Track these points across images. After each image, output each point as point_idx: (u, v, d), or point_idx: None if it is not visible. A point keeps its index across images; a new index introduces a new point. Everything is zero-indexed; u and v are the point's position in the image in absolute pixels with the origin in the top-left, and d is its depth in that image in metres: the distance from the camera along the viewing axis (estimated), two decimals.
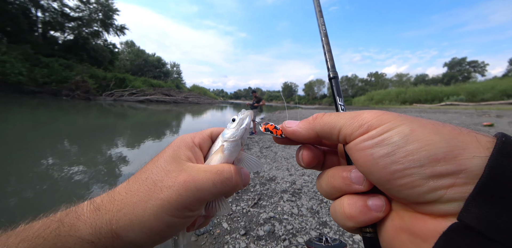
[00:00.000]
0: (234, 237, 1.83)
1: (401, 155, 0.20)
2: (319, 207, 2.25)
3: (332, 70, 0.35)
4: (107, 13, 30.13)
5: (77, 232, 0.24)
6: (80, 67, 22.39)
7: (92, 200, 0.28)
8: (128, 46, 50.22)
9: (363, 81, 70.78)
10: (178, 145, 0.32)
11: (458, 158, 0.18)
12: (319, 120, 0.27)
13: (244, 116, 0.35)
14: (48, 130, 6.19)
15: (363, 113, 0.23)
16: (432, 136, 0.19)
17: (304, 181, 2.96)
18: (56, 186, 2.81)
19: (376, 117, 0.22)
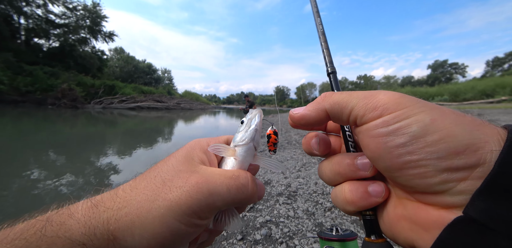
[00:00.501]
0: (231, 242, 1.82)
1: (419, 146, 0.18)
2: (314, 208, 2.28)
3: (330, 65, 0.34)
4: (95, 20, 29.49)
5: (67, 232, 0.21)
6: (66, 74, 21.64)
7: (91, 197, 0.25)
8: (117, 53, 49.22)
9: (353, 84, 72.77)
10: (193, 146, 0.29)
11: (478, 152, 0.17)
12: (328, 99, 0.25)
13: (253, 116, 0.31)
14: (31, 140, 5.92)
15: (379, 94, 0.21)
16: (454, 127, 0.18)
17: (299, 183, 2.99)
18: (40, 199, 2.68)
19: (393, 101, 0.20)
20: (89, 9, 28.76)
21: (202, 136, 1.78)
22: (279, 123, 0.34)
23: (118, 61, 45.97)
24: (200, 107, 38.16)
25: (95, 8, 29.22)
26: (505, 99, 22.90)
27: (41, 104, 18.34)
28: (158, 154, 5.22)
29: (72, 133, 8.00)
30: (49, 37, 26.78)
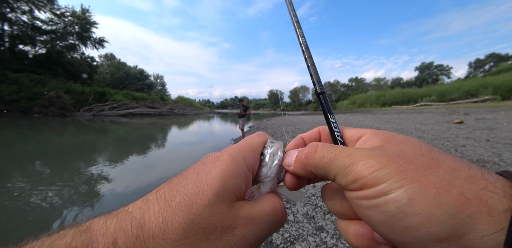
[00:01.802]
0: None
1: (399, 227, 0.17)
2: (314, 212, 2.26)
3: (318, 85, 0.31)
4: (84, 26, 28.86)
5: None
6: (54, 82, 20.94)
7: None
8: (108, 59, 48.25)
9: (345, 86, 74.25)
10: (231, 176, 0.24)
11: (463, 238, 0.15)
12: (311, 161, 0.23)
13: (274, 150, 0.29)
14: (16, 150, 5.63)
15: (358, 163, 0.19)
16: (434, 209, 0.16)
17: None
18: (24, 214, 2.53)
19: (371, 174, 0.18)
20: (78, 15, 28.14)
21: (197, 141, 1.75)
22: (285, 130, 0.33)
23: (109, 68, 45.01)
24: (194, 112, 37.77)
25: (84, 14, 28.62)
26: (488, 99, 23.99)
27: (27, 113, 17.61)
28: (152, 162, 5.09)
29: (61, 142, 7.69)
30: (35, 44, 25.91)
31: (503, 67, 36.95)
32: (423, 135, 6.32)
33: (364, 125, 10.29)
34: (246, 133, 10.51)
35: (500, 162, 3.34)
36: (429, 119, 10.61)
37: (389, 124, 9.86)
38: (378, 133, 0.22)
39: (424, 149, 0.18)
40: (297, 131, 9.33)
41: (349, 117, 17.20)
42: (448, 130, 6.88)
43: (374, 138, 0.22)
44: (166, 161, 5.17)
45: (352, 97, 53.29)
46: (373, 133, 0.23)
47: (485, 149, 4.22)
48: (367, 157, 0.19)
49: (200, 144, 7.64)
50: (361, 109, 39.11)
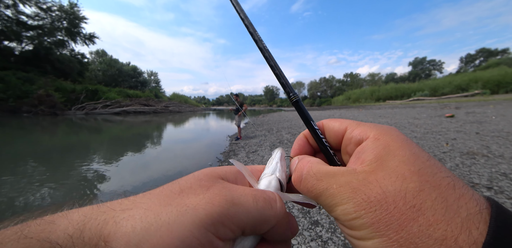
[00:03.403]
0: None
1: None
2: None
3: (292, 93, 0.28)
4: (72, 21, 27.93)
5: (51, 233, 0.17)
6: (43, 80, 20.28)
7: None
8: (99, 56, 46.99)
9: (340, 82, 74.77)
10: (215, 167, 0.26)
11: None
12: (303, 186, 0.23)
13: (274, 153, 0.29)
14: (4, 151, 5.46)
15: (338, 208, 0.19)
16: None
17: None
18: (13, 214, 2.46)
19: (349, 222, 0.18)
20: (65, 9, 27.17)
21: (193, 138, 1.72)
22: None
23: (101, 65, 43.87)
24: (189, 109, 37.42)
25: (72, 8, 27.66)
26: (478, 93, 24.65)
27: (16, 112, 17.05)
28: (147, 160, 5.02)
29: (52, 142, 7.49)
30: (21, 40, 24.92)
31: (492, 62, 37.99)
32: (416, 129, 6.45)
33: (359, 120, 10.42)
34: (242, 129, 10.50)
35: (489, 154, 3.44)
36: (422, 114, 10.83)
37: (383, 119, 10.02)
38: (379, 139, 0.21)
39: (412, 187, 0.17)
40: (293, 126, 9.37)
41: (344, 113, 17.39)
42: (439, 124, 7.04)
43: (374, 148, 0.20)
44: (161, 159, 5.11)
45: (347, 92, 53.81)
46: (375, 139, 0.21)
47: (475, 141, 4.34)
48: (346, 201, 0.19)
49: (198, 142, 7.59)
50: (356, 104, 39.56)
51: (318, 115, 16.13)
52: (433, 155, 3.71)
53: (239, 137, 7.27)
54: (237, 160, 4.62)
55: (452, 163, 3.23)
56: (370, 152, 0.20)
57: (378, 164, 0.19)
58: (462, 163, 3.18)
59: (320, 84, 77.63)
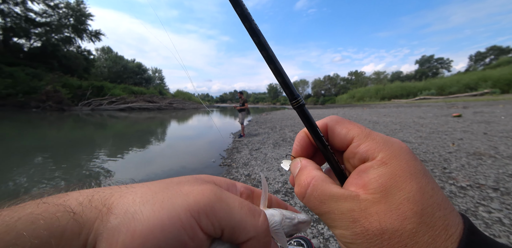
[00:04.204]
0: None
1: None
2: None
3: (296, 97, 0.25)
4: (79, 18, 28.31)
5: (66, 200, 0.19)
6: (50, 76, 20.71)
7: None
8: (104, 53, 47.56)
9: (345, 80, 73.95)
10: (210, 176, 0.27)
11: None
12: (305, 202, 0.23)
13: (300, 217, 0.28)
14: (13, 145, 5.61)
15: (336, 230, 0.20)
16: None
17: None
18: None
19: (351, 240, 0.19)
20: (72, 7, 27.55)
21: (196, 135, 1.73)
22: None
23: (106, 61, 44.44)
24: (193, 107, 37.65)
25: (78, 6, 28.02)
26: (487, 92, 24.03)
27: (24, 107, 17.46)
28: (151, 156, 5.10)
29: (59, 136, 7.66)
30: (29, 37, 25.44)
31: (503, 61, 36.86)
32: (421, 128, 6.35)
33: (363, 118, 10.32)
34: (246, 126, 10.52)
35: (496, 155, 3.37)
36: (428, 113, 10.64)
37: (387, 118, 9.89)
38: (387, 164, 0.20)
39: (409, 228, 0.17)
40: (296, 125, 9.35)
41: (348, 111, 17.22)
42: (446, 123, 6.91)
43: (380, 176, 0.20)
44: (165, 155, 5.18)
45: (352, 91, 53.19)
46: (382, 163, 0.20)
47: (482, 142, 4.25)
48: (345, 228, 0.20)
49: (202, 139, 7.65)
50: (360, 103, 39.12)
51: (321, 114, 16.02)
52: (438, 155, 3.66)
53: (242, 134, 7.30)
54: (241, 156, 4.65)
55: (458, 163, 3.18)
56: (375, 179, 0.20)
57: (382, 195, 0.19)
58: (468, 164, 3.12)
59: (324, 82, 76.95)
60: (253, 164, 4.05)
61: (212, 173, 3.69)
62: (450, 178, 2.69)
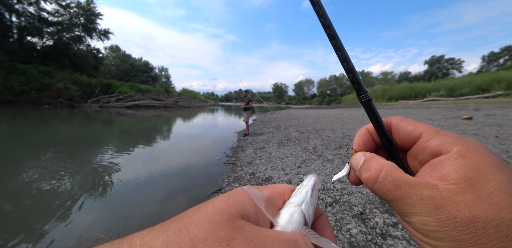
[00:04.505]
0: None
1: None
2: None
3: (363, 92, 0.26)
4: (89, 18, 29.00)
5: None
6: (61, 73, 21.34)
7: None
8: (113, 51, 48.57)
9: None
10: (234, 195, 0.20)
11: None
12: (377, 188, 0.22)
13: (308, 178, 0.26)
14: (25, 141, 5.84)
15: (423, 215, 0.19)
16: None
17: (300, 179, 3.00)
18: (36, 199, 2.65)
19: (436, 227, 0.18)
20: (82, 6, 28.25)
21: (202, 134, 1.79)
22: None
23: (114, 60, 45.36)
24: (198, 105, 37.97)
25: (88, 5, 28.70)
26: (501, 94, 23.18)
27: (37, 104, 18.07)
28: (156, 153, 5.19)
29: (69, 132, 7.91)
30: (42, 36, 26.28)
31: None
32: None
33: (368, 120, 10.15)
34: (250, 125, 10.56)
35: (508, 159, 3.27)
36: (436, 115, 10.38)
37: None
38: (466, 156, 0.19)
39: (508, 219, 0.16)
40: (301, 124, 9.31)
41: (354, 112, 16.99)
42: (455, 126, 6.74)
43: (460, 167, 0.19)
44: (170, 152, 5.27)
45: None
46: (460, 156, 0.19)
47: (493, 145, 4.13)
48: (427, 215, 0.19)
49: (207, 137, 7.73)
50: None
51: (326, 113, 15.89)
52: None
53: (247, 133, 7.33)
54: (245, 155, 4.68)
55: None
56: (455, 170, 0.19)
57: (466, 185, 0.18)
58: None
59: (330, 82, 76.09)
60: (257, 162, 4.07)
61: (217, 171, 3.74)
62: None
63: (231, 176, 3.48)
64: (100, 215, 2.34)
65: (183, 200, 2.69)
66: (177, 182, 3.27)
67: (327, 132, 6.81)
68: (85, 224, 2.17)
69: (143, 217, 2.30)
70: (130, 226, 2.14)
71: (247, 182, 3.09)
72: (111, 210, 2.44)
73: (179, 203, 2.60)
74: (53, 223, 2.15)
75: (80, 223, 2.19)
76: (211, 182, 3.26)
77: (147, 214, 2.37)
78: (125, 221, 2.23)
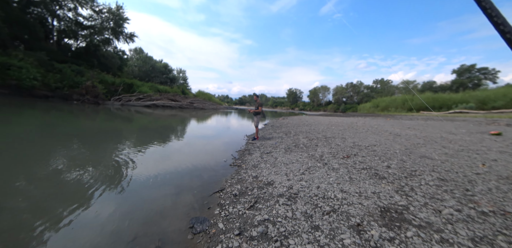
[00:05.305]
0: (228, 236, 1.91)
1: None
2: (313, 211, 2.30)
3: None
4: (117, 22, 31.31)
5: None
6: (90, 72, 23.28)
7: None
8: (136, 53, 51.77)
9: (369, 88, 69.98)
10: None
11: None
12: None
13: None
14: (56, 132, 6.48)
15: None
16: None
17: (301, 186, 3.01)
18: (65, 185, 2.97)
19: None
20: (113, 11, 30.63)
21: (213, 135, 2.00)
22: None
23: (137, 61, 48.29)
24: (212, 107, 38.94)
25: (118, 10, 31.05)
26: None
27: (67, 99, 19.85)
28: (170, 151, 5.48)
29: (93, 126, 8.60)
30: (77, 38, 28.97)
31: None
32: (449, 144, 5.82)
33: (384, 130, 9.72)
34: (261, 130, 10.63)
35: None
36: (461, 129, 9.64)
37: (411, 131, 9.19)
38: None
39: None
40: (311, 131, 9.19)
41: (369, 121, 16.32)
42: (480, 142, 6.23)
43: None
44: (181, 152, 5.53)
45: (375, 100, 50.09)
46: None
47: None
48: None
49: (217, 139, 7.96)
50: (384, 113, 36.67)
51: (339, 121, 15.44)
52: (462, 175, 3.36)
53: (256, 137, 7.42)
54: (251, 158, 4.77)
55: (485, 186, 2.90)
56: None
57: None
58: (497, 188, 2.83)
59: (346, 89, 73.72)
60: (262, 166, 4.14)
61: (222, 172, 3.88)
62: (471, 201, 2.48)
63: (235, 177, 3.58)
64: (111, 205, 2.57)
65: (187, 197, 2.85)
66: (183, 180, 3.44)
67: (337, 140, 6.67)
68: (100, 214, 2.40)
69: (153, 212, 2.48)
70: (137, 218, 2.33)
71: (249, 185, 3.18)
72: (121, 202, 2.66)
73: (182, 200, 2.76)
74: (74, 209, 2.41)
75: (95, 211, 2.42)
76: (214, 182, 3.40)
77: (153, 209, 2.55)
78: (135, 213, 2.42)
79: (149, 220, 2.23)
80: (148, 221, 2.22)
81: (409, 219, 2.12)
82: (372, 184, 3.03)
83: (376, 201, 2.49)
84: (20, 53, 18.01)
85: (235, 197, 2.76)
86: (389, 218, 2.14)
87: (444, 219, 2.10)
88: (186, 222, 2.21)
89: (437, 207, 2.35)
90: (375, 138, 7.11)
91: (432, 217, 2.15)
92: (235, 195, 2.82)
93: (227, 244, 1.80)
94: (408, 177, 3.30)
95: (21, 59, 17.30)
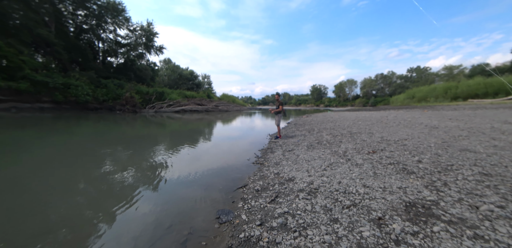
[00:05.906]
0: (250, 226, 2.10)
1: None
2: (333, 205, 2.34)
3: None
4: (148, 37, 34.63)
5: None
6: (128, 85, 26.26)
7: None
8: (165, 63, 56.30)
9: (403, 78, 63.47)
10: None
11: None
12: None
13: None
14: (105, 138, 7.57)
15: None
16: None
17: (322, 181, 3.05)
18: (114, 184, 3.54)
19: None
20: (144, 28, 34.00)
21: (237, 136, 2.39)
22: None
23: (166, 71, 52.51)
24: (236, 109, 40.08)
25: (149, 27, 34.34)
26: None
27: (112, 110, 22.76)
28: (198, 153, 5.96)
29: (133, 133, 9.77)
30: (117, 56, 32.93)
31: None
32: (501, 135, 5.06)
33: (418, 122, 8.83)
34: (283, 128, 10.66)
35: None
36: None
37: (453, 122, 8.15)
38: None
39: None
40: (336, 128, 8.88)
41: (402, 114, 14.90)
42: None
43: None
44: (210, 153, 5.96)
45: (410, 90, 45.19)
46: None
47: None
48: None
49: (241, 139, 8.30)
50: (421, 104, 32.86)
51: (367, 116, 14.45)
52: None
53: (278, 135, 7.52)
54: (273, 156, 4.91)
55: None
56: None
57: None
58: None
59: (376, 81, 68.08)
60: (283, 164, 4.25)
61: (246, 170, 4.11)
62: None
63: (257, 174, 3.77)
64: (150, 201, 2.99)
65: (213, 192, 3.13)
66: (211, 178, 3.77)
67: (363, 136, 6.36)
68: (142, 208, 2.83)
69: (185, 205, 2.82)
70: (172, 210, 2.68)
71: (271, 181, 3.33)
72: (159, 198, 3.08)
73: (209, 195, 3.05)
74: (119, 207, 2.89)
75: (138, 206, 2.86)
76: (238, 179, 3.64)
77: (185, 203, 2.89)
78: (170, 206, 2.79)
79: (182, 212, 2.56)
80: (181, 212, 2.55)
81: (438, 214, 2.01)
82: (398, 179, 2.90)
83: (401, 196, 2.40)
84: (77, 74, 21.38)
85: (257, 192, 2.94)
86: (415, 213, 2.07)
87: (481, 216, 1.95)
88: (213, 214, 2.48)
89: (474, 202, 2.17)
90: (406, 132, 6.57)
91: (467, 213, 2.01)
92: (257, 190, 3.00)
93: (249, 233, 1.98)
94: (442, 171, 3.05)
95: (77, 78, 20.55)
